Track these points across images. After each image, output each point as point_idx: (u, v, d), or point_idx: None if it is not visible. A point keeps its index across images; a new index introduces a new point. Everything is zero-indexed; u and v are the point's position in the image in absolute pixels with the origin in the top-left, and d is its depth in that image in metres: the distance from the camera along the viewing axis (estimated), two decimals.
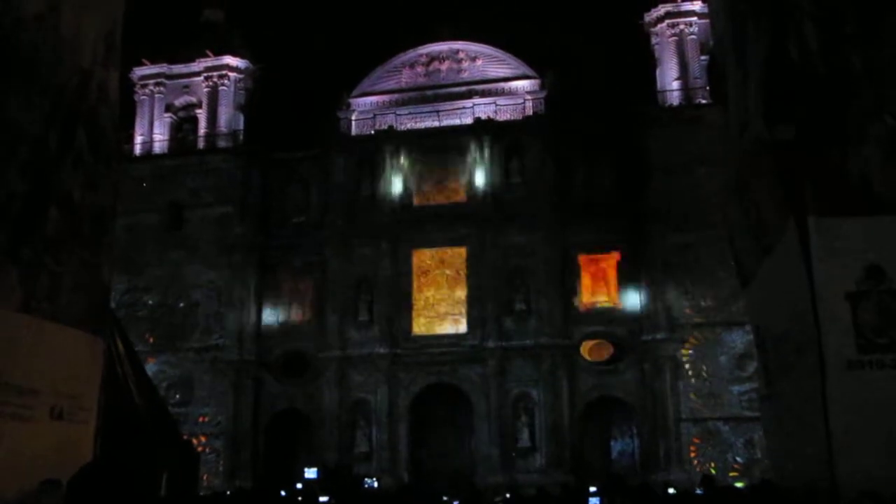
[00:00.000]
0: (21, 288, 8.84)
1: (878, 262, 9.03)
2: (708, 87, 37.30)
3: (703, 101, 37.13)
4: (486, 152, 38.59)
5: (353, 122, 41.72)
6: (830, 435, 8.84)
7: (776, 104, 10.17)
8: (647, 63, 39.59)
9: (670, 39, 38.79)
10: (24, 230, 8.93)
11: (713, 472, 31.37)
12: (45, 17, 9.56)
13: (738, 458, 33.44)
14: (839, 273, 9.11)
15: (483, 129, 38.95)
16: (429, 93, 41.53)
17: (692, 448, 34.11)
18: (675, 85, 38.22)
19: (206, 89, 42.78)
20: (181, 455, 12.63)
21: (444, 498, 19.10)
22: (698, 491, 15.96)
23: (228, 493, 21.26)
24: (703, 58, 38.07)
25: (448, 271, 38.46)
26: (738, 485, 24.88)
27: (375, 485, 29.68)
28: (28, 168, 9.16)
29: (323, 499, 12.87)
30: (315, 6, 47.21)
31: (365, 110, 41.86)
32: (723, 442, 33.95)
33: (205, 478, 32.94)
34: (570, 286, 36.95)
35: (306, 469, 32.05)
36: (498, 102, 40.47)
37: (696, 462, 33.77)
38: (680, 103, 37.81)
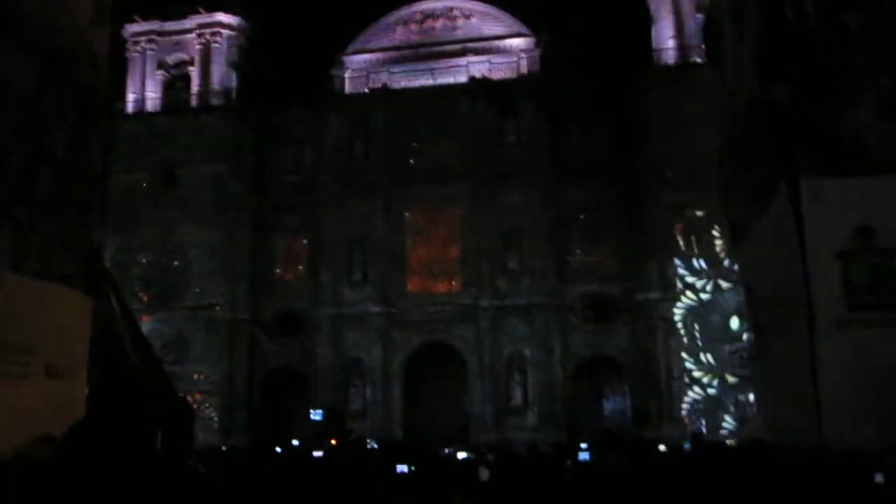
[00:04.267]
0: (13, 248, 8.85)
1: (869, 221, 9.08)
2: (703, 46, 37.04)
3: (699, 60, 36.85)
4: (481, 111, 38.40)
5: (347, 81, 41.51)
6: (819, 392, 8.95)
7: (771, 65, 10.16)
8: (643, 21, 39.25)
9: None
10: (16, 190, 8.92)
11: (704, 430, 31.65)
12: None
13: (729, 417, 33.68)
14: (830, 232, 9.16)
15: (478, 87, 38.75)
16: (423, 51, 41.25)
17: (683, 406, 34.36)
18: (671, 43, 37.92)
19: (198, 46, 42.38)
20: (176, 412, 12.71)
21: (447, 450, 19.28)
22: (686, 446, 16.15)
23: (224, 449, 21.44)
24: (698, 15, 37.69)
25: (442, 230, 38.48)
26: (728, 443, 25.10)
27: (375, 446, 30.08)
28: (20, 128, 9.12)
29: (317, 454, 12.98)
30: None
31: (358, 68, 41.60)
32: (714, 400, 34.15)
33: (200, 435, 33.16)
34: (563, 246, 37.04)
35: (312, 410, 32.56)
36: (492, 60, 40.24)
37: (686, 420, 34.03)
38: (676, 62, 37.51)
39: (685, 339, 34.82)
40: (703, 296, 34.96)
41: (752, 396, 29.81)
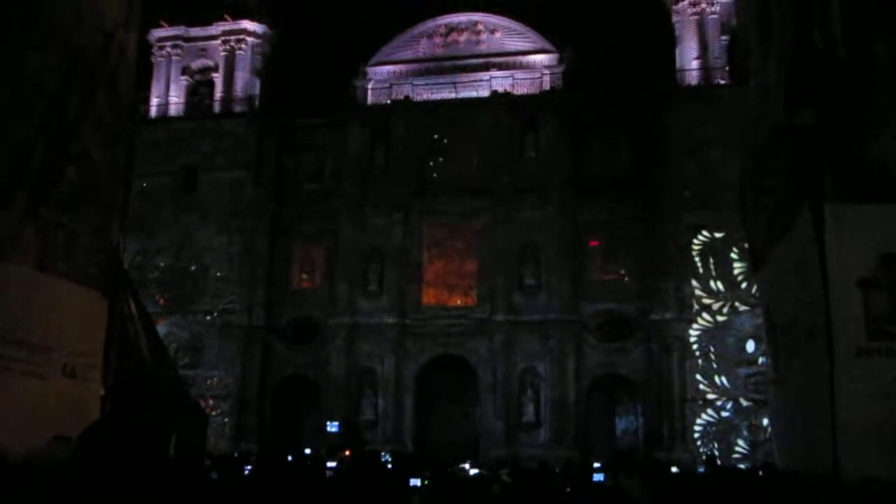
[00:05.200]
0: (37, 246, 8.90)
1: (893, 249, 9.01)
2: (727, 68, 36.99)
3: (722, 82, 36.80)
4: (502, 126, 38.44)
5: (370, 91, 41.63)
6: (836, 420, 8.86)
7: (798, 89, 10.11)
8: (667, 41, 39.24)
9: (691, 18, 38.42)
10: (42, 188, 8.97)
11: (716, 453, 31.46)
12: None
13: (742, 441, 33.48)
14: (852, 260, 9.09)
15: (500, 102, 38.78)
16: (446, 64, 41.33)
17: (696, 429, 34.17)
18: (695, 64, 37.89)
19: (223, 53, 42.67)
20: (190, 416, 12.74)
21: (459, 466, 19.22)
22: (700, 470, 16.03)
23: (236, 455, 21.47)
24: (723, 38, 37.68)
25: (459, 244, 38.46)
26: (741, 467, 24.96)
27: (388, 458, 30.27)
28: (46, 126, 9.18)
29: (331, 464, 12.97)
30: None
31: (381, 80, 41.73)
32: (727, 424, 33.98)
33: (211, 440, 33.22)
34: (580, 263, 36.95)
35: (328, 423, 32.67)
36: (515, 76, 40.28)
37: (699, 443, 33.83)
38: (698, 83, 37.49)
39: (700, 361, 34.68)
40: (720, 318, 34.83)
41: (765, 421, 29.65)
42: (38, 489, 5.44)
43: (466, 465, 17.91)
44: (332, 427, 33.15)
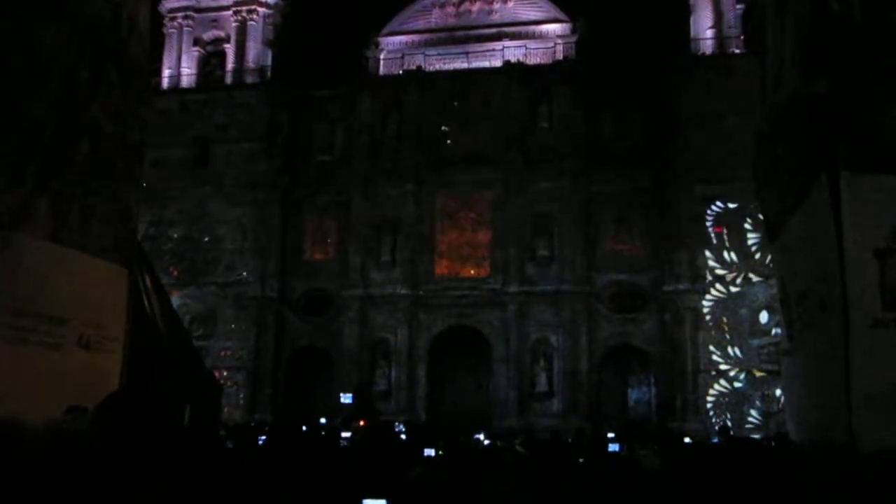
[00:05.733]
0: (52, 218, 8.91)
1: None
2: (742, 37, 36.66)
3: (737, 51, 36.51)
4: (515, 96, 38.28)
5: (381, 62, 41.46)
6: (851, 392, 8.83)
7: (813, 56, 9.99)
8: (682, 10, 38.89)
9: None
10: (54, 162, 8.97)
11: (729, 423, 31.52)
12: None
13: (755, 412, 33.54)
14: (869, 230, 9.01)
15: (512, 72, 38.61)
16: (458, 34, 41.11)
17: (709, 399, 34.24)
18: (709, 34, 37.56)
19: (234, 24, 42.53)
20: (204, 387, 12.80)
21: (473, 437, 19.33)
22: (714, 440, 16.06)
23: (252, 424, 21.64)
24: (738, 6, 37.33)
25: (472, 215, 38.44)
26: (756, 437, 24.97)
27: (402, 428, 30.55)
28: (58, 100, 9.16)
29: (346, 434, 13.06)
30: None
31: (393, 50, 41.55)
32: (740, 394, 34.03)
33: (225, 410, 33.48)
34: (593, 234, 36.91)
35: (342, 394, 32.89)
36: (528, 46, 40.05)
37: (711, 413, 33.92)
38: (713, 52, 37.19)
39: (713, 332, 34.68)
40: (733, 289, 34.79)
41: (778, 392, 29.67)
42: (55, 459, 5.48)
43: (481, 436, 18.00)
44: (346, 398, 33.42)
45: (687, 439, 17.42)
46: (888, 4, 9.74)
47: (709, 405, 34.16)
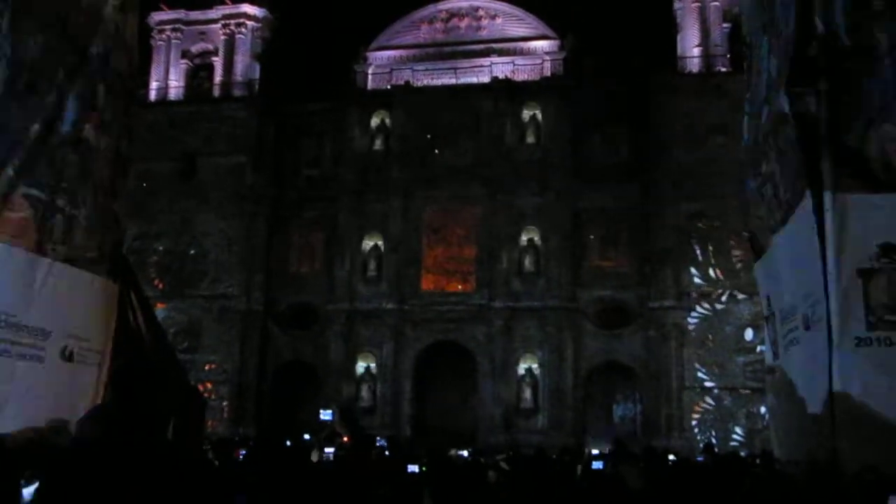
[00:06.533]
0: (36, 229, 8.88)
1: (893, 239, 9.00)
2: (729, 56, 36.91)
3: (723, 69, 36.75)
4: (502, 112, 38.37)
5: (370, 77, 41.50)
6: (834, 410, 8.87)
7: (799, 76, 10.08)
8: (669, 29, 39.12)
9: (693, 5, 38.29)
10: (39, 172, 8.94)
11: (713, 441, 31.53)
12: None
13: (739, 429, 33.58)
14: (853, 249, 9.08)
15: (500, 88, 38.69)
16: (446, 49, 41.22)
17: (694, 416, 34.27)
18: (696, 52, 37.81)
19: (222, 37, 42.55)
20: (189, 401, 12.73)
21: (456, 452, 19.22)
22: (699, 458, 16.05)
23: (236, 439, 21.52)
24: (725, 25, 37.61)
25: (458, 230, 38.43)
26: (742, 454, 24.98)
27: (385, 443, 30.28)
28: (44, 109, 9.15)
29: (329, 450, 12.99)
30: None
31: (381, 65, 41.61)
32: (725, 411, 34.07)
33: (210, 424, 33.29)
34: (579, 250, 36.96)
35: (322, 410, 32.62)
36: (516, 62, 40.17)
37: (696, 430, 33.94)
38: (700, 70, 37.43)
39: (698, 349, 34.74)
40: (718, 306, 34.88)
41: (762, 409, 29.71)
42: (36, 473, 5.44)
43: (464, 453, 17.93)
44: (326, 415, 32.88)
45: (671, 456, 17.41)
46: (873, 25, 9.86)
47: (693, 422, 34.20)
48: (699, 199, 34.87)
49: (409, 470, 8.36)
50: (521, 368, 36.38)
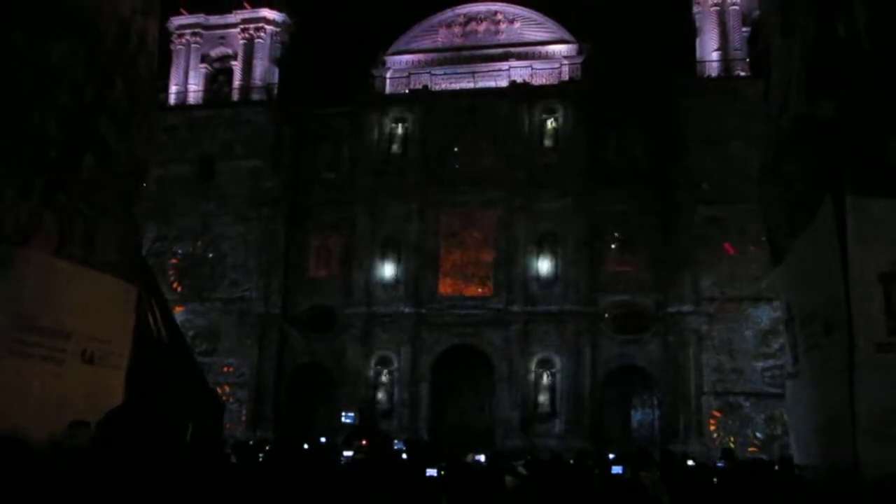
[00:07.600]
0: (56, 233, 8.94)
1: None
2: (748, 60, 36.77)
3: (742, 74, 36.63)
4: (520, 116, 38.36)
5: (388, 81, 41.58)
6: (856, 415, 8.80)
7: (820, 81, 10.02)
8: (688, 33, 39.01)
9: (712, 9, 38.20)
10: (60, 176, 9.00)
11: (732, 446, 31.34)
12: None
13: (758, 434, 33.39)
14: (874, 254, 9.01)
15: (518, 92, 38.67)
16: (465, 54, 41.24)
17: (712, 421, 34.09)
18: (715, 56, 37.69)
19: (242, 41, 42.78)
20: (207, 404, 12.79)
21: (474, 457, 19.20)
22: (719, 464, 15.94)
23: (251, 442, 21.55)
24: (744, 29, 37.48)
25: (476, 234, 38.41)
26: (762, 458, 24.82)
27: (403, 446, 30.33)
28: (66, 114, 9.21)
29: (348, 453, 13.00)
30: None
31: (400, 69, 41.68)
32: (743, 417, 33.90)
33: (227, 427, 33.42)
34: (597, 254, 36.86)
35: (343, 413, 32.67)
36: (534, 66, 40.15)
37: (715, 436, 33.76)
38: (718, 75, 37.30)
39: (717, 354, 34.58)
40: (737, 311, 34.68)
41: (782, 414, 29.53)
42: (58, 475, 5.47)
43: (481, 457, 17.89)
44: (348, 418, 33.23)
45: (690, 462, 17.31)
46: (894, 33, 9.78)
47: (712, 427, 34.02)
48: (718, 204, 34.74)
49: (428, 474, 8.36)
50: (539, 373, 36.30)
